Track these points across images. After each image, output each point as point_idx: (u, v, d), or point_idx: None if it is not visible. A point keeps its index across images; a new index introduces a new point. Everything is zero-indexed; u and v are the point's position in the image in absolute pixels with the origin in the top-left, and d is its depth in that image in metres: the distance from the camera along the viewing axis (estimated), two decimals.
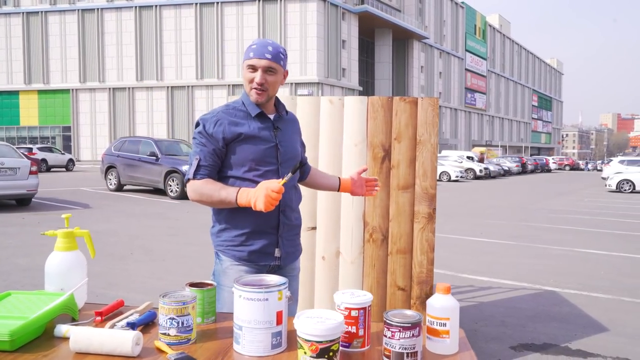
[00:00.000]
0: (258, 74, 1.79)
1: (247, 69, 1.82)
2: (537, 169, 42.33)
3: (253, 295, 1.32)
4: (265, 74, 1.80)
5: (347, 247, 2.84)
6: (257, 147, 1.82)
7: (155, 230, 7.92)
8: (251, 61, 1.79)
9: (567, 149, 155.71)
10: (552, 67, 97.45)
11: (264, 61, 1.78)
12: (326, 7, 39.56)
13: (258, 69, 1.79)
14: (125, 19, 41.06)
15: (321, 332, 1.22)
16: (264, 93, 1.81)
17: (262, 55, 1.79)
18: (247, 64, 1.81)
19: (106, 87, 41.42)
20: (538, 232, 8.88)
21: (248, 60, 1.81)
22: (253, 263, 1.89)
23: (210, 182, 1.79)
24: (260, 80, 1.79)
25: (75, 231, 1.74)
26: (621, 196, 18.43)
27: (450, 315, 1.38)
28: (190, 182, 1.82)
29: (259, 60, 1.78)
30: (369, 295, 1.44)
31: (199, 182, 1.79)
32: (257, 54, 1.79)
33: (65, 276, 1.66)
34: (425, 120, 2.76)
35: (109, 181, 14.39)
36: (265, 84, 1.80)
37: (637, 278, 5.60)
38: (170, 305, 1.37)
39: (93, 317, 1.59)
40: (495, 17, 75.72)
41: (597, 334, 3.76)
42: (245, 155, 1.82)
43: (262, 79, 1.79)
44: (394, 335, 1.29)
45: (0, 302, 1.55)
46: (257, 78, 1.79)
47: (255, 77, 1.79)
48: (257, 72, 1.79)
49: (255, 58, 1.79)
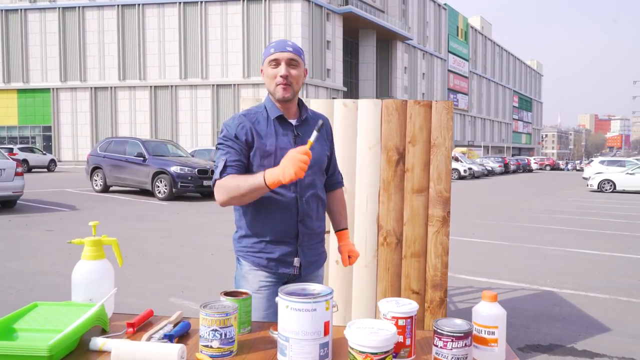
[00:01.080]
0: (282, 67, 1.76)
1: (269, 65, 1.79)
2: (519, 169, 42.92)
3: (301, 305, 1.29)
4: (289, 67, 1.77)
5: (361, 250, 2.82)
6: (274, 154, 1.78)
7: (147, 233, 7.80)
8: (273, 55, 1.77)
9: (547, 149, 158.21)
10: (532, 69, 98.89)
11: (286, 53, 1.76)
12: (310, 7, 39.52)
13: (281, 62, 1.76)
14: (107, 17, 40.46)
15: (376, 343, 1.20)
16: (289, 87, 1.77)
17: (283, 48, 1.77)
18: (270, 59, 1.78)
19: (88, 86, 40.75)
20: (528, 232, 8.98)
21: (270, 55, 1.78)
22: (272, 270, 1.85)
23: (236, 176, 1.71)
24: (285, 73, 1.75)
25: (102, 239, 1.69)
26: (603, 196, 18.77)
27: (498, 323, 1.36)
28: (217, 182, 1.74)
29: (281, 54, 1.76)
30: (414, 304, 1.42)
31: (225, 179, 1.72)
32: (278, 48, 1.77)
33: (93, 286, 1.61)
34: (440, 124, 2.75)
35: (95, 182, 14.15)
36: (290, 77, 1.76)
37: (630, 277, 5.69)
38: (213, 316, 1.33)
39: (124, 328, 1.54)
40: (477, 19, 76.54)
41: (600, 334, 3.80)
42: (260, 162, 1.78)
43: (287, 71, 1.76)
44: (446, 345, 1.27)
45: (28, 314, 1.49)
46: (282, 70, 1.75)
47: (279, 70, 1.76)
48: (280, 65, 1.76)
49: (278, 52, 1.76)
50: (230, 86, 39.31)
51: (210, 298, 4.54)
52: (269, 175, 1.60)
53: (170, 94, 40.11)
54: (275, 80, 1.76)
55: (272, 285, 1.85)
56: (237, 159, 1.75)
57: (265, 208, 1.80)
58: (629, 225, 10.27)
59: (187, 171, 12.66)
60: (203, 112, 39.95)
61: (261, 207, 1.81)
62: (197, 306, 4.28)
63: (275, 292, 1.88)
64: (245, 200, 1.72)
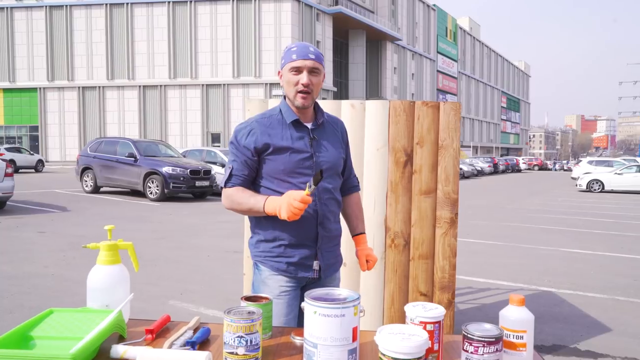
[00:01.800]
0: (304, 75, 1.73)
1: (290, 72, 1.75)
2: (508, 169, 43.28)
3: (330, 311, 1.27)
4: (310, 75, 1.74)
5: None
6: (289, 157, 1.76)
7: (141, 234, 7.72)
8: (295, 63, 1.73)
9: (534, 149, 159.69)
10: (520, 70, 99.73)
11: (308, 61, 1.73)
12: (300, 7, 39.47)
13: (303, 71, 1.73)
14: (95, 16, 40.03)
15: (409, 349, 1.17)
16: (309, 96, 1.75)
17: (306, 56, 1.73)
18: (291, 66, 1.74)
19: (75, 85, 40.28)
20: (521, 232, 9.04)
21: (291, 62, 1.74)
22: (291, 274, 1.83)
23: (241, 190, 1.77)
24: (307, 82, 1.72)
25: (119, 243, 1.65)
26: (592, 196, 18.98)
27: (527, 327, 1.35)
28: (223, 190, 1.83)
29: (303, 61, 1.73)
30: (441, 308, 1.40)
31: (230, 190, 1.79)
32: (300, 55, 1.73)
33: (110, 291, 1.57)
34: (448, 125, 2.74)
35: (85, 183, 13.99)
36: (311, 85, 1.74)
37: (625, 277, 5.74)
38: (239, 322, 1.30)
39: (142, 334, 1.50)
40: (465, 20, 77.00)
41: (602, 334, 3.82)
42: (276, 165, 1.76)
43: (309, 80, 1.73)
44: (477, 350, 1.26)
45: (45, 321, 1.44)
46: (303, 79, 1.72)
47: (301, 79, 1.73)
48: (302, 73, 1.73)
49: (300, 59, 1.73)
50: (220, 86, 39.12)
51: (211, 301, 4.49)
52: (268, 205, 1.69)
53: (159, 93, 39.80)
54: (296, 88, 1.73)
55: (292, 290, 1.83)
56: (241, 172, 1.79)
57: None
58: (619, 224, 10.38)
59: (179, 172, 12.57)
60: (192, 112, 39.70)
61: None
62: (197, 309, 4.23)
63: (295, 296, 1.87)
64: (245, 214, 1.82)
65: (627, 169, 21.35)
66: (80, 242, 6.96)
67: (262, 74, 38.28)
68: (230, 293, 4.75)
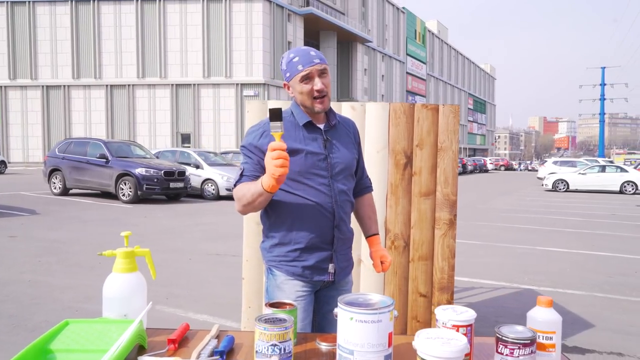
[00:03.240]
0: (317, 81, 1.71)
1: (300, 82, 1.72)
2: (476, 169, 44.17)
3: (367, 317, 1.25)
4: (321, 78, 1.72)
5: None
6: (305, 159, 1.74)
7: (117, 238, 7.52)
8: (303, 72, 1.70)
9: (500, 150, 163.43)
10: (486, 72, 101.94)
11: (315, 66, 1.71)
12: (272, 8, 39.29)
13: (314, 77, 1.71)
14: (59, 13, 38.84)
15: (451, 354, 1.17)
16: (326, 98, 1.74)
17: (311, 62, 1.71)
18: (300, 77, 1.71)
19: (39, 84, 38.99)
20: (496, 231, 9.23)
21: (299, 73, 1.71)
22: (307, 279, 1.81)
23: (243, 185, 1.71)
24: (321, 87, 1.71)
25: (135, 250, 1.59)
26: (558, 195, 19.54)
27: (555, 328, 1.37)
28: (233, 190, 1.78)
29: (311, 67, 1.70)
30: (471, 311, 1.41)
31: (236, 188, 1.74)
32: (306, 63, 1.71)
33: (127, 301, 1.52)
34: (447, 127, 2.77)
35: (53, 185, 13.55)
36: (325, 89, 1.72)
37: (599, 274, 5.92)
38: (273, 330, 1.28)
39: (163, 344, 1.45)
40: (434, 23, 78.19)
41: (585, 330, 3.93)
42: (291, 167, 1.73)
43: (322, 85, 1.71)
44: (513, 353, 1.26)
45: (62, 334, 1.38)
46: (317, 85, 1.70)
47: (315, 85, 1.71)
48: (313, 80, 1.71)
49: (307, 67, 1.70)
50: (190, 86, 38.55)
51: (198, 305, 4.41)
52: (264, 181, 1.59)
53: (127, 93, 38.93)
54: (311, 95, 1.71)
55: (307, 295, 1.81)
56: (252, 170, 1.74)
57: (301, 215, 1.76)
58: (587, 223, 10.72)
59: (152, 173, 12.32)
60: (162, 112, 38.99)
61: (297, 214, 1.76)
62: (185, 314, 4.15)
63: (311, 301, 1.85)
64: (256, 206, 1.69)
65: (590, 169, 22.09)
66: (55, 246, 6.74)
67: (233, 74, 37.93)
68: (217, 297, 4.68)
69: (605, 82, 50.48)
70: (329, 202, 1.76)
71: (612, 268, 6.27)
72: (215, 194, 14.11)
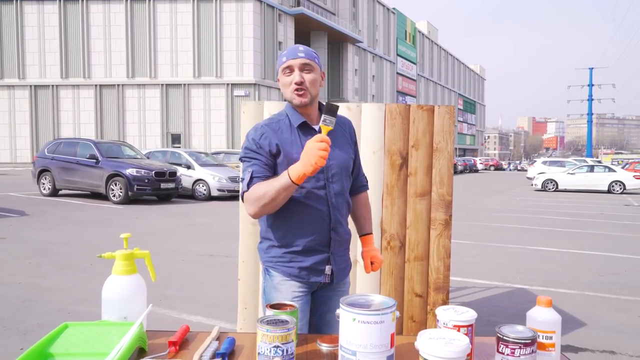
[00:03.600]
0: (295, 74, 1.73)
1: (283, 74, 1.76)
2: (466, 169, 44.39)
3: (370, 318, 1.26)
4: (302, 72, 1.73)
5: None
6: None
7: (109, 239, 7.46)
8: (286, 63, 1.74)
9: (489, 150, 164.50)
10: (476, 73, 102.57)
11: (298, 59, 1.73)
12: (262, 7, 39.23)
13: (295, 69, 1.73)
14: (47, 12, 38.47)
15: (453, 354, 1.18)
16: (306, 92, 1.74)
17: (294, 55, 1.74)
18: (282, 67, 1.75)
19: (27, 84, 38.58)
20: (488, 231, 9.29)
21: (282, 64, 1.75)
22: (303, 280, 1.81)
23: (261, 184, 1.68)
24: (299, 79, 1.72)
25: (135, 252, 1.58)
26: (547, 195, 19.71)
27: (555, 328, 1.38)
28: (245, 195, 1.71)
29: (293, 60, 1.73)
30: (472, 312, 1.41)
31: (252, 189, 1.68)
32: (290, 56, 1.74)
33: (127, 303, 1.51)
34: (442, 128, 2.78)
35: (43, 186, 13.42)
36: (305, 83, 1.73)
37: (590, 273, 5.98)
38: (276, 332, 1.28)
39: (164, 347, 1.45)
40: (424, 24, 78.50)
41: (578, 329, 3.97)
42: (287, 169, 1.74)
43: (300, 77, 1.72)
44: (514, 352, 1.27)
45: (61, 337, 1.37)
46: (296, 77, 1.72)
47: (294, 77, 1.72)
48: (294, 72, 1.73)
49: (290, 59, 1.73)
50: (180, 86, 38.37)
51: (192, 307, 4.39)
52: (293, 171, 1.58)
53: (116, 93, 38.66)
54: (290, 87, 1.73)
55: (304, 295, 1.81)
56: (262, 171, 1.71)
57: (297, 218, 1.76)
58: (577, 222, 10.83)
59: (143, 174, 12.25)
60: (152, 112, 38.77)
61: (293, 217, 1.76)
62: (179, 315, 4.13)
63: (307, 302, 1.85)
64: (278, 203, 1.66)
65: (579, 169, 22.31)
66: (46, 247, 6.67)
67: (224, 74, 37.82)
68: (210, 298, 4.66)
69: (593, 82, 51.00)
70: (325, 205, 1.76)
71: (602, 267, 6.33)
72: (206, 194, 14.06)
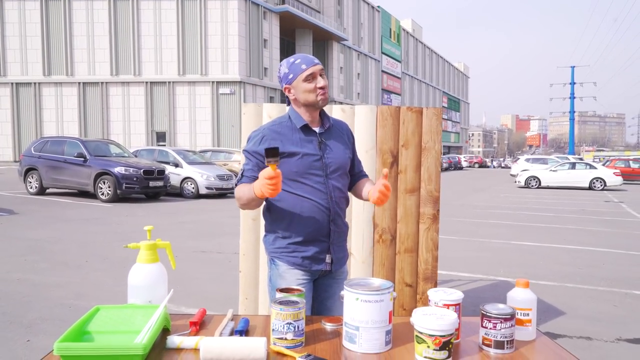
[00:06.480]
0: (320, 79, 1.91)
1: (304, 81, 1.91)
2: (451, 166, 44.92)
3: (371, 297, 1.44)
4: (322, 77, 1.92)
5: (359, 248, 2.99)
6: (301, 160, 1.92)
7: (101, 237, 7.55)
8: (308, 71, 1.90)
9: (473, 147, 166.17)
10: (460, 71, 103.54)
11: (317, 66, 1.92)
12: (247, 5, 39.20)
13: (317, 76, 1.90)
14: (29, 8, 37.97)
15: (444, 326, 1.37)
16: (326, 94, 1.93)
17: (312, 63, 1.92)
18: (305, 76, 1.90)
19: (8, 82, 38.07)
20: (472, 227, 9.55)
21: (303, 72, 1.90)
22: (306, 268, 1.99)
23: (242, 186, 1.89)
24: (324, 83, 1.91)
25: (157, 243, 1.75)
26: (530, 191, 20.14)
27: (531, 306, 1.59)
28: (235, 189, 1.96)
29: (314, 67, 1.91)
30: (459, 293, 1.61)
31: (237, 188, 1.93)
32: (309, 64, 1.91)
33: (151, 288, 1.68)
34: (430, 129, 2.98)
35: (29, 184, 13.37)
36: (326, 86, 1.92)
37: (570, 266, 6.26)
38: (288, 311, 1.45)
39: (186, 327, 1.61)
40: (408, 22, 79.02)
41: (557, 317, 4.21)
42: (289, 167, 1.92)
43: (325, 81, 1.92)
44: (495, 326, 1.47)
45: (96, 317, 1.53)
46: (320, 82, 1.90)
47: (318, 82, 1.90)
48: (317, 78, 1.91)
49: (310, 67, 1.90)
50: (165, 84, 38.19)
51: (189, 301, 4.54)
52: (256, 189, 1.76)
53: (100, 91, 38.34)
54: (317, 92, 1.90)
55: (307, 283, 1.99)
56: (253, 171, 1.92)
57: (300, 211, 1.94)
58: (558, 218, 11.17)
59: (132, 172, 12.29)
60: (136, 110, 38.54)
61: (296, 211, 1.94)
62: (177, 308, 4.28)
63: (310, 289, 2.04)
64: (252, 207, 1.90)
65: (561, 166, 22.81)
66: (39, 245, 6.75)
67: (209, 72, 37.73)
68: (206, 292, 4.81)
69: (575, 80, 51.97)
70: (325, 199, 1.95)
71: (581, 260, 6.62)
72: (195, 192, 14.14)
